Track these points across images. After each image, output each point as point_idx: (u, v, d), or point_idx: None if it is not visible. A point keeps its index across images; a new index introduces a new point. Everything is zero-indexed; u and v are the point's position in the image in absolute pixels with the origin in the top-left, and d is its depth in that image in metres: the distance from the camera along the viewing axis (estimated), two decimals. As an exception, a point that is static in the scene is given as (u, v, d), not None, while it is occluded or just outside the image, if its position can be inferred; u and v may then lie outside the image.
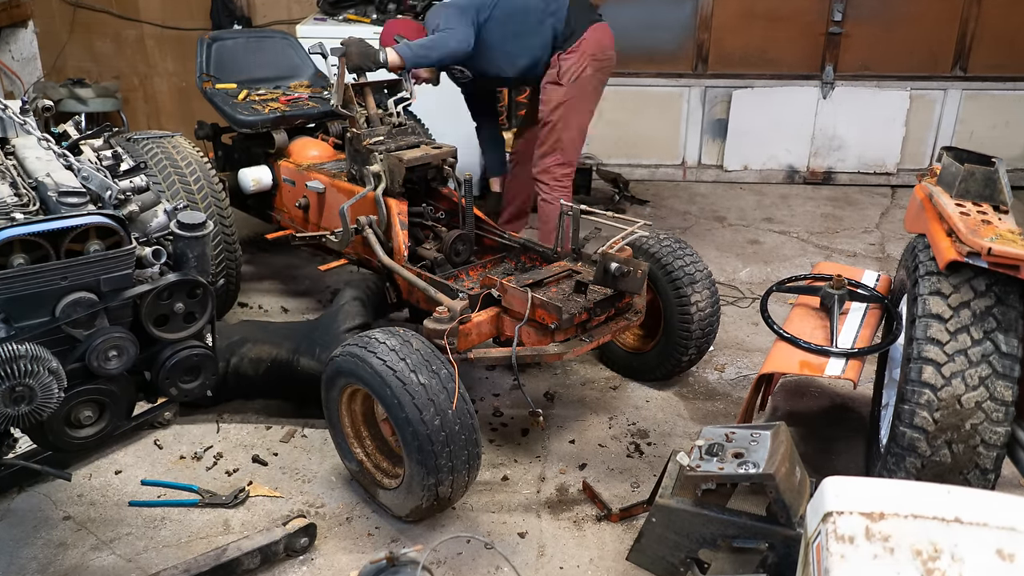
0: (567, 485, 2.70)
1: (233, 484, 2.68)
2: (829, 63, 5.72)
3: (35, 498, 2.59)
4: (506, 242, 3.25)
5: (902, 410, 2.10)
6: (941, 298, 2.13)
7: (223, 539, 2.42)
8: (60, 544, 2.41)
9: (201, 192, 3.28)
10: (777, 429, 2.12)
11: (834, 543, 1.35)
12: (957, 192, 2.32)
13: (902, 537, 1.33)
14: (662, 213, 5.36)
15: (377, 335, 2.36)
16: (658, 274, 3.00)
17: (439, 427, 2.22)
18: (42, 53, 5.84)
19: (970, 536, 1.32)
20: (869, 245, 4.85)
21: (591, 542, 2.44)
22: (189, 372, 2.05)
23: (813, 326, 2.61)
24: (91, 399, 1.93)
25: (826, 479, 1.48)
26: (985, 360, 2.04)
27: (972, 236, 2.04)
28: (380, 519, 2.52)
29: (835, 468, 2.76)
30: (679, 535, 2.07)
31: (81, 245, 1.83)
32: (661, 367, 3.18)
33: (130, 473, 2.73)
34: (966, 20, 5.58)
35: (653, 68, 5.87)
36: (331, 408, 2.54)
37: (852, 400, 3.22)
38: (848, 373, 2.41)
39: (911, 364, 2.11)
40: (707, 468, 1.99)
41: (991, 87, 5.68)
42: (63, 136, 2.40)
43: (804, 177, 5.98)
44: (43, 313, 1.79)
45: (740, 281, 4.32)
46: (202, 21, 5.78)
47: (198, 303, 2.02)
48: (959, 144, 5.49)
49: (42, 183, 1.98)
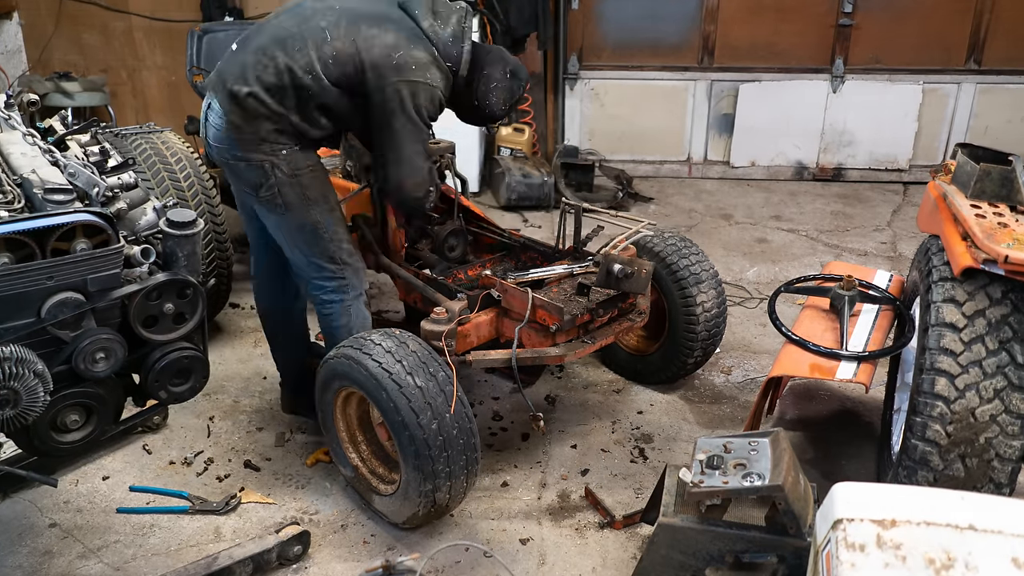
0: (569, 491, 2.66)
1: (224, 490, 2.64)
2: (839, 56, 5.65)
3: (20, 505, 2.55)
4: (506, 240, 3.20)
5: (914, 423, 2.06)
6: (955, 306, 2.08)
7: (214, 547, 2.39)
8: (46, 552, 2.38)
9: (191, 189, 3.23)
10: (776, 436, 2.07)
11: (844, 551, 1.32)
12: (972, 192, 2.26)
13: (914, 545, 1.30)
14: (667, 211, 5.32)
15: (373, 336, 2.31)
16: (663, 274, 2.96)
17: (436, 431, 2.18)
18: (27, 46, 5.75)
19: (984, 544, 1.29)
20: (880, 244, 4.79)
21: (594, 550, 2.40)
22: (179, 375, 2.04)
23: (823, 328, 2.57)
24: (78, 403, 1.91)
25: (836, 485, 1.45)
26: (1000, 372, 1.99)
27: (988, 242, 1.98)
28: (376, 526, 2.48)
29: (845, 474, 2.72)
30: (685, 554, 2.02)
31: (67, 244, 1.81)
32: (666, 370, 3.14)
33: (118, 479, 2.69)
34: (980, 12, 5.50)
35: (657, 61, 5.81)
36: (325, 412, 2.50)
37: (863, 404, 3.17)
38: (859, 377, 2.37)
39: (924, 375, 2.07)
40: (711, 483, 1.94)
41: (1006, 80, 5.61)
42: (49, 131, 2.38)
43: (813, 173, 5.91)
44: (28, 314, 1.76)
45: (747, 281, 4.27)
46: (192, 13, 5.73)
47: (188, 303, 2.00)
48: (973, 139, 5.42)
49: (27, 180, 1.97)
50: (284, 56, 2.36)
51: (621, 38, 4.42)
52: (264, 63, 2.36)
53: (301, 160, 2.46)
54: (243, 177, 2.46)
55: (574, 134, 6.09)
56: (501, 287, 2.61)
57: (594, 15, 5.84)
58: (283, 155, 2.42)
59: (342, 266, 2.58)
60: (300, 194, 2.45)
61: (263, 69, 2.36)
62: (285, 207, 2.45)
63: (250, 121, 2.38)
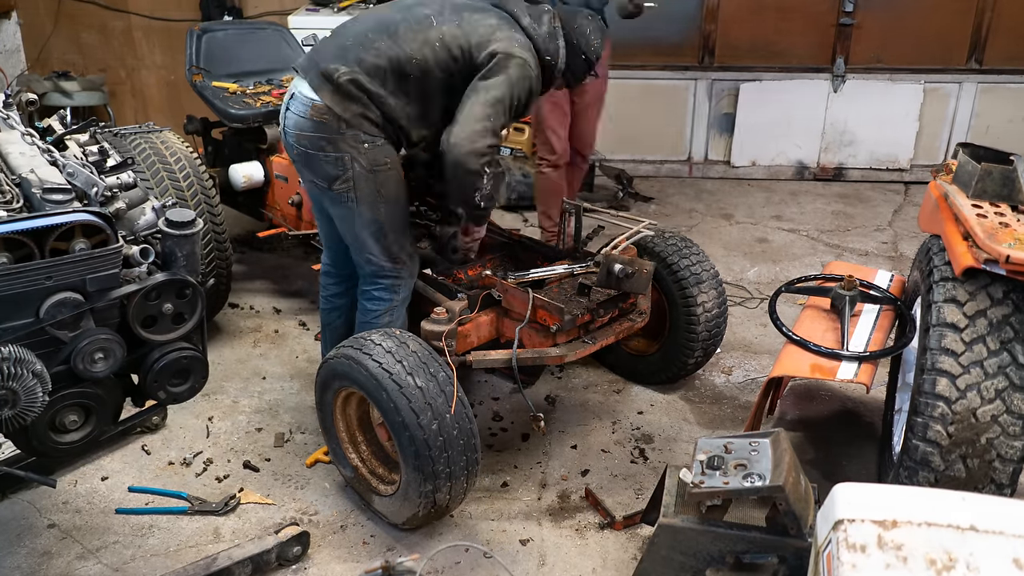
0: (569, 492, 2.65)
1: (223, 491, 2.63)
2: (840, 55, 5.63)
3: (18, 505, 2.55)
4: (506, 240, 3.19)
5: (915, 423, 2.05)
6: (956, 306, 2.07)
7: (213, 548, 2.38)
8: (44, 553, 2.37)
9: (191, 189, 3.22)
10: (777, 436, 2.06)
11: (845, 552, 1.31)
12: (974, 192, 2.25)
13: (915, 545, 1.30)
14: (667, 210, 5.30)
15: (373, 336, 2.31)
16: (663, 274, 2.95)
17: (436, 432, 2.17)
18: (26, 45, 5.73)
19: (986, 544, 1.29)
20: (882, 244, 4.77)
21: (594, 551, 2.39)
22: (178, 375, 2.03)
23: (824, 328, 2.56)
24: (76, 403, 1.91)
25: (837, 486, 1.44)
26: (1002, 372, 1.99)
27: (990, 242, 1.97)
28: (376, 527, 2.48)
29: (846, 474, 2.71)
30: (685, 555, 2.01)
31: (66, 244, 1.81)
32: (666, 370, 3.13)
33: (117, 480, 2.68)
34: (982, 10, 5.48)
35: (658, 60, 5.79)
36: (325, 412, 2.49)
37: (864, 404, 3.16)
38: (860, 377, 2.36)
39: (925, 375, 2.06)
40: (711, 484, 1.93)
41: (1008, 80, 5.58)
42: (48, 131, 2.38)
43: (814, 173, 5.90)
44: (27, 314, 1.76)
45: (748, 281, 4.26)
46: (191, 12, 5.69)
47: (187, 304, 1.99)
48: (975, 139, 5.40)
49: (26, 179, 1.97)
50: (389, 40, 2.40)
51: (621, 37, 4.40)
52: (367, 46, 2.39)
53: (381, 155, 2.45)
54: (319, 169, 2.45)
55: (574, 133, 6.07)
56: (501, 287, 2.61)
57: (594, 14, 5.82)
58: (365, 148, 2.41)
59: (400, 267, 2.59)
60: (374, 190, 2.45)
61: (365, 51, 2.38)
62: (357, 201, 2.45)
63: (343, 103, 2.37)
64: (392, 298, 2.61)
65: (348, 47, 2.42)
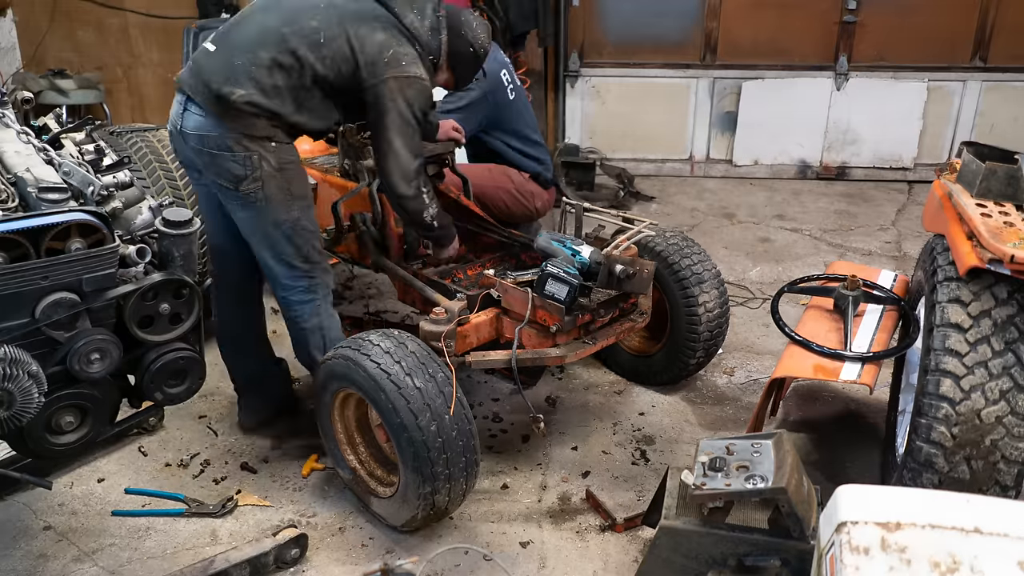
0: (570, 494, 2.63)
1: (221, 493, 2.62)
2: (843, 53, 5.62)
3: (14, 507, 2.54)
4: (505, 240, 3.17)
5: (919, 424, 2.04)
6: (960, 306, 2.06)
7: (210, 550, 2.37)
8: (40, 555, 2.36)
9: (187, 188, 3.21)
10: (779, 438, 2.05)
11: (848, 554, 1.30)
12: (978, 191, 2.25)
13: (919, 548, 1.28)
14: (668, 210, 5.29)
15: (371, 337, 2.29)
16: (664, 273, 2.94)
17: (435, 433, 2.16)
18: (21, 43, 5.71)
19: (990, 547, 1.27)
20: (885, 243, 4.76)
21: (595, 553, 2.38)
22: (175, 376, 2.03)
23: (827, 328, 2.55)
24: (73, 404, 1.91)
25: (840, 487, 1.43)
26: (1006, 372, 1.97)
27: (994, 241, 1.96)
28: (374, 529, 2.46)
29: (849, 476, 2.69)
30: (687, 557, 2.00)
31: (62, 243, 1.80)
32: (668, 371, 3.11)
33: (113, 481, 2.67)
34: (986, 9, 5.46)
35: (659, 59, 5.78)
36: (323, 413, 2.48)
37: (867, 405, 3.14)
38: (864, 378, 2.35)
39: (928, 376, 2.05)
40: (714, 485, 1.92)
41: (1012, 78, 5.57)
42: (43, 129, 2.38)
43: (817, 172, 5.88)
44: (22, 314, 1.76)
45: (750, 281, 4.25)
46: (188, 9, 5.68)
47: (184, 304, 1.99)
48: (979, 138, 5.38)
49: (21, 178, 1.98)
50: (278, 55, 2.34)
51: (623, 35, 4.39)
52: (259, 64, 2.33)
53: (287, 155, 2.44)
54: (225, 169, 2.40)
55: (575, 132, 6.07)
56: (501, 287, 2.59)
57: (595, 12, 5.81)
58: (272, 147, 2.40)
59: (313, 265, 2.56)
60: (284, 188, 2.43)
61: (258, 70, 2.33)
62: (266, 200, 2.42)
63: (243, 121, 2.35)
64: (313, 298, 2.59)
65: (238, 66, 2.34)
